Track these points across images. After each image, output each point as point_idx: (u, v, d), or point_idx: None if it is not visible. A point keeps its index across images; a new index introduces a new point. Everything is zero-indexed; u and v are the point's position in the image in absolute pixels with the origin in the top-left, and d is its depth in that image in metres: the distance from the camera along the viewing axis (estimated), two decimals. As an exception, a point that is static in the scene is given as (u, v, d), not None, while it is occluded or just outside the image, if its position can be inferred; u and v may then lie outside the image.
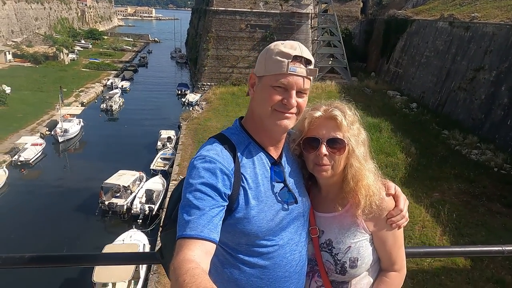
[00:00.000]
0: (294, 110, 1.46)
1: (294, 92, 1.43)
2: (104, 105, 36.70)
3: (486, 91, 25.46)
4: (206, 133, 27.13)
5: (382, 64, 44.56)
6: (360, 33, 50.01)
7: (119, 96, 39.50)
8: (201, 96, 38.93)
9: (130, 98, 42.06)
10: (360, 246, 1.59)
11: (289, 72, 1.40)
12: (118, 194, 19.82)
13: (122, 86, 45.27)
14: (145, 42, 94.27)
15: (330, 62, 44.06)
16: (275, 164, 1.55)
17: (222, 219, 1.36)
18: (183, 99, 40.11)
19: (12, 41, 57.26)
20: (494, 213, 16.59)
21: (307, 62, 1.44)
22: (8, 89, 36.00)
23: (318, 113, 1.57)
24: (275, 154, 1.57)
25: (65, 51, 57.03)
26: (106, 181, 19.98)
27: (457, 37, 30.52)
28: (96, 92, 42.44)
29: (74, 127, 29.50)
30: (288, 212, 1.53)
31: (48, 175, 23.93)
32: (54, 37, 63.17)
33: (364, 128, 1.64)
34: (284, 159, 1.60)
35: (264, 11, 40.91)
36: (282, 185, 1.53)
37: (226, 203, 1.38)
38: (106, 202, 19.18)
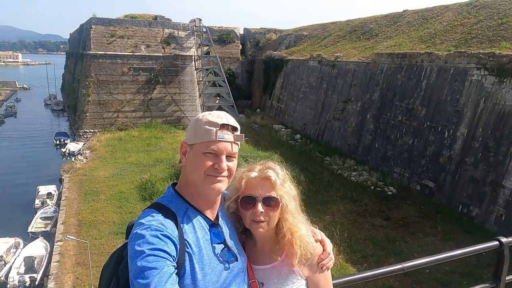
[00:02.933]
0: (225, 173, 1.56)
1: (224, 157, 1.54)
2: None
3: (356, 120, 29.02)
4: (93, 184, 25.08)
5: (266, 101, 47.64)
6: (242, 72, 52.98)
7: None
8: (84, 144, 36.13)
9: (-3, 153, 36.82)
10: None
11: (217, 139, 1.52)
12: (-11, 268, 16.80)
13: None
14: (11, 89, 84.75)
15: (217, 101, 45.44)
16: (213, 225, 1.61)
17: (177, 281, 1.37)
18: (63, 150, 36.61)
19: None
20: (377, 227, 18.58)
21: (233, 129, 1.57)
22: None
23: (254, 174, 1.69)
24: (211, 216, 1.63)
25: None
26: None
27: (326, 74, 34.49)
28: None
29: None
30: (230, 270, 1.59)
31: None
32: None
33: (294, 185, 1.79)
34: (220, 219, 1.67)
35: (147, 54, 40.62)
36: (222, 246, 1.59)
37: (175, 267, 1.40)
38: (-28, 280, 16.05)
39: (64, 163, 31.64)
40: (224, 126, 1.54)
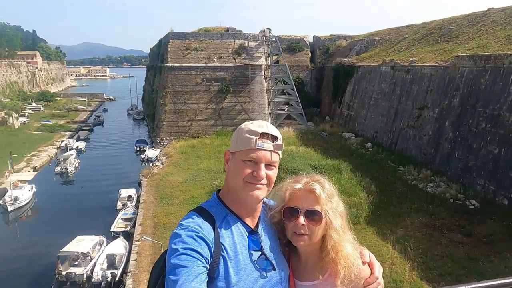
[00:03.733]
0: (264, 181, 1.58)
1: (263, 165, 1.57)
2: (59, 168, 35.18)
3: (433, 127, 27.22)
4: (169, 189, 26.54)
5: (335, 108, 46.75)
6: (311, 80, 52.67)
7: (74, 158, 38.12)
8: (160, 151, 38.49)
9: (87, 158, 40.71)
10: None
11: (257, 147, 1.55)
12: (77, 262, 18.54)
13: (77, 147, 43.87)
14: (100, 101, 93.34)
15: (286, 109, 45.67)
16: (252, 233, 1.64)
17: (206, 281, 1.42)
18: (142, 156, 39.38)
19: (-44, 108, 54.62)
20: (456, 243, 17.14)
21: (273, 138, 1.60)
22: (-49, 159, 33.74)
23: (298, 185, 1.67)
24: (251, 223, 1.67)
25: (15, 115, 55.04)
26: (62, 250, 18.68)
27: (400, 79, 32.91)
28: (49, 155, 40.75)
29: (25, 194, 27.83)
30: (267, 279, 1.59)
31: (-3, 248, 22.04)
32: (3, 102, 61.09)
33: (343, 201, 1.74)
34: (260, 227, 1.69)
35: (219, 65, 42.29)
36: (259, 253, 1.61)
37: (208, 268, 1.46)
38: (64, 273, 17.79)
39: (143, 168, 34.00)
40: (264, 135, 1.57)
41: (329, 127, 42.19)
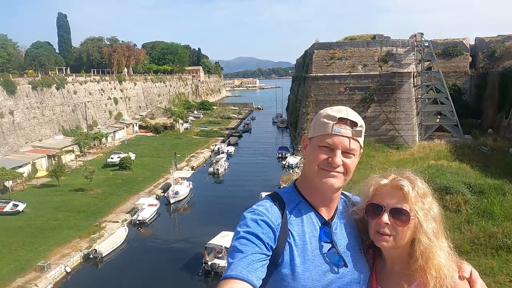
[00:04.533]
0: (340, 169, 1.49)
1: (339, 152, 1.48)
2: (211, 169, 39.41)
3: None
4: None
5: (501, 120, 40.27)
6: (471, 88, 46.69)
7: (224, 160, 42.18)
8: (301, 158, 39.44)
9: (235, 162, 44.56)
10: None
11: (333, 132, 1.47)
12: (221, 255, 20.36)
13: (227, 151, 48.43)
14: (249, 109, 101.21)
15: (438, 120, 41.45)
16: (326, 224, 1.56)
17: (264, 266, 1.39)
18: (284, 162, 41.03)
19: (139, 115, 66.67)
20: None
21: (352, 124, 1.49)
22: (133, 156, 41.29)
23: (384, 181, 1.53)
24: (326, 214, 1.58)
25: (180, 121, 64.08)
26: (209, 242, 20.75)
27: None
28: (204, 157, 46.06)
29: (184, 190, 32.03)
30: (339, 276, 1.50)
31: (160, 234, 25.95)
32: (172, 110, 71.81)
33: (438, 204, 1.54)
34: (336, 220, 1.60)
35: (363, 73, 41.17)
36: (330, 245, 1.52)
37: (269, 253, 1.43)
38: (209, 263, 19.79)
39: (283, 174, 35.43)
40: (342, 120, 1.48)
41: (491, 141, 36.53)
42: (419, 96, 41.34)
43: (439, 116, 41.86)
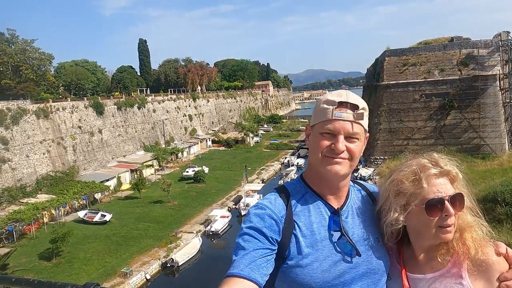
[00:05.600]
0: (344, 155, 1.42)
1: (341, 137, 1.41)
2: (281, 182, 39.47)
3: None
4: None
5: None
6: None
7: (294, 173, 42.08)
8: (373, 170, 37.91)
9: (305, 175, 44.20)
10: None
11: (334, 117, 1.41)
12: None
13: (297, 163, 48.31)
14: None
15: (531, 125, 37.26)
16: (336, 213, 1.49)
17: (270, 261, 1.36)
18: (355, 174, 39.67)
19: (212, 130, 69.57)
20: None
21: (353, 107, 1.43)
22: (206, 170, 43.06)
23: (434, 170, 1.41)
24: (335, 203, 1.52)
25: (251, 135, 65.54)
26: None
27: None
28: (274, 170, 46.43)
29: (254, 202, 32.42)
30: (352, 265, 1.42)
31: (232, 245, 26.46)
32: (243, 124, 73.78)
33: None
34: (347, 209, 1.52)
35: (440, 79, 38.63)
36: (339, 234, 1.45)
37: (274, 247, 1.40)
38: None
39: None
40: (342, 104, 1.41)
41: None
42: (507, 101, 37.60)
43: (532, 122, 37.62)
